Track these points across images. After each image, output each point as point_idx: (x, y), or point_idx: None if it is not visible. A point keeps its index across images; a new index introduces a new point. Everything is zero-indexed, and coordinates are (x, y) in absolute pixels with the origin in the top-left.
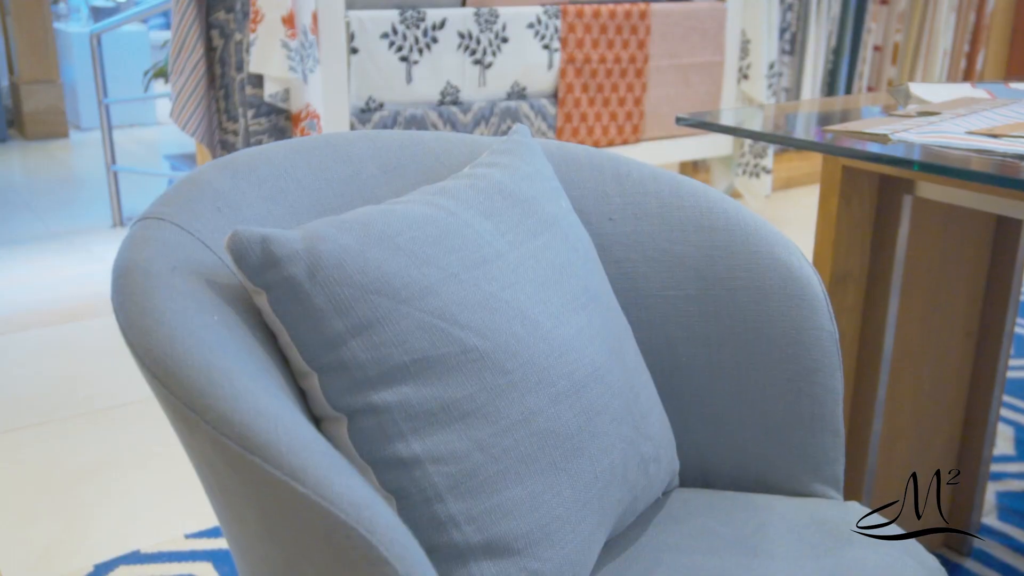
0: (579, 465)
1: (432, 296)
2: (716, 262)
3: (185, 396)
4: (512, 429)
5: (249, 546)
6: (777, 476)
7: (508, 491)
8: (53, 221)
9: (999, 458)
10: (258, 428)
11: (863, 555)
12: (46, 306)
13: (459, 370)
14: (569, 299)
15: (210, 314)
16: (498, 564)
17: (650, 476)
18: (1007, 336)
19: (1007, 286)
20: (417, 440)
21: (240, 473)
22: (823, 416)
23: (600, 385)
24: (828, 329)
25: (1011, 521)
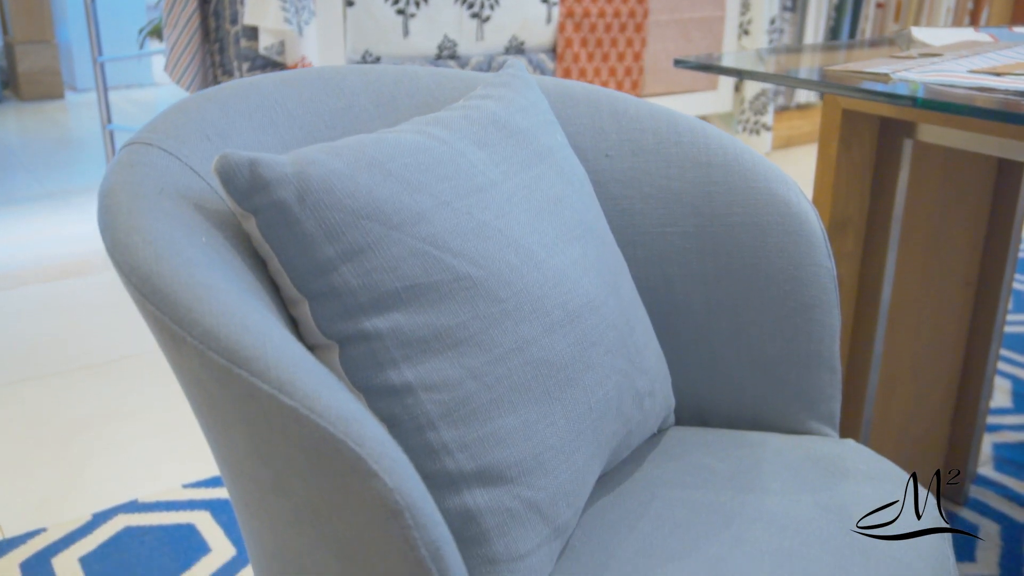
0: (573, 395)
1: (424, 223)
2: (714, 198)
3: (171, 312)
4: (505, 358)
5: (239, 466)
6: (773, 414)
7: (501, 419)
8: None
9: (996, 410)
10: (245, 343)
11: (859, 490)
12: (43, 263)
13: (452, 298)
14: (564, 230)
15: (198, 236)
16: (491, 492)
17: (645, 410)
18: (1006, 285)
19: (1007, 234)
20: (409, 367)
21: (228, 388)
22: (820, 353)
23: (595, 316)
24: (826, 265)
25: (1006, 471)
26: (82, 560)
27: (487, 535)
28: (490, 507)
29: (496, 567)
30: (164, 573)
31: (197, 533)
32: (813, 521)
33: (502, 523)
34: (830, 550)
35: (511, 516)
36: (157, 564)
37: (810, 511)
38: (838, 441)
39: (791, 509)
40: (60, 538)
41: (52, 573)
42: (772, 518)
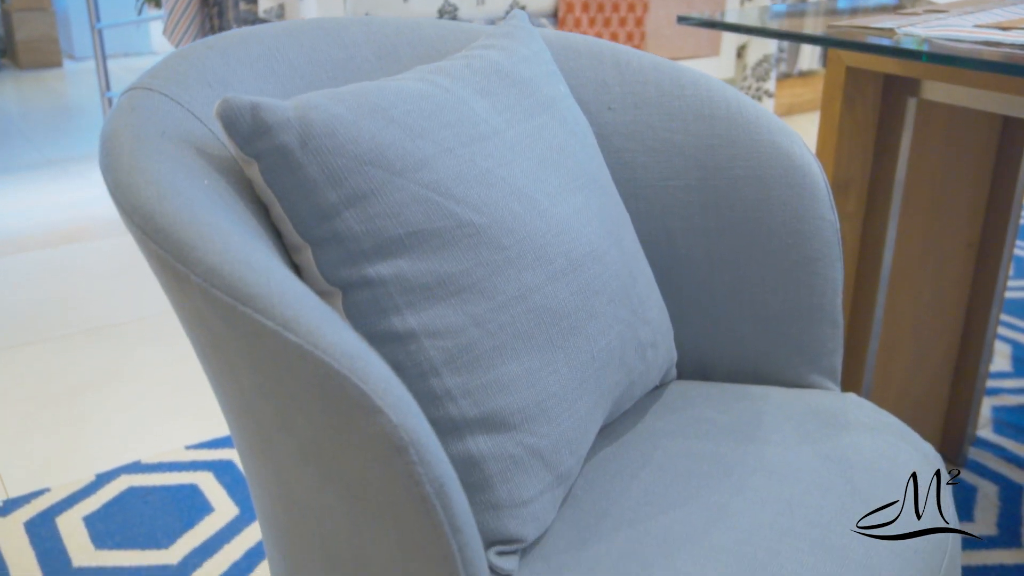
0: (576, 344)
1: (427, 169)
2: (716, 151)
3: (175, 250)
4: (508, 305)
5: (243, 406)
6: (775, 368)
7: (504, 367)
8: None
9: (996, 374)
10: (249, 279)
11: (859, 440)
12: (43, 229)
13: (455, 244)
14: (567, 180)
15: (200, 178)
16: (494, 438)
17: (647, 361)
18: (1008, 247)
19: (1010, 196)
20: (412, 314)
21: (232, 326)
22: (822, 306)
23: (598, 265)
24: (829, 219)
25: (1005, 433)
26: (86, 519)
27: (490, 481)
28: (493, 453)
29: (499, 513)
30: (168, 532)
31: (200, 493)
32: (814, 470)
33: (505, 469)
34: (831, 498)
35: (514, 462)
36: (161, 523)
37: (811, 461)
38: (839, 394)
39: (792, 459)
40: (64, 498)
41: (56, 532)
42: (773, 468)
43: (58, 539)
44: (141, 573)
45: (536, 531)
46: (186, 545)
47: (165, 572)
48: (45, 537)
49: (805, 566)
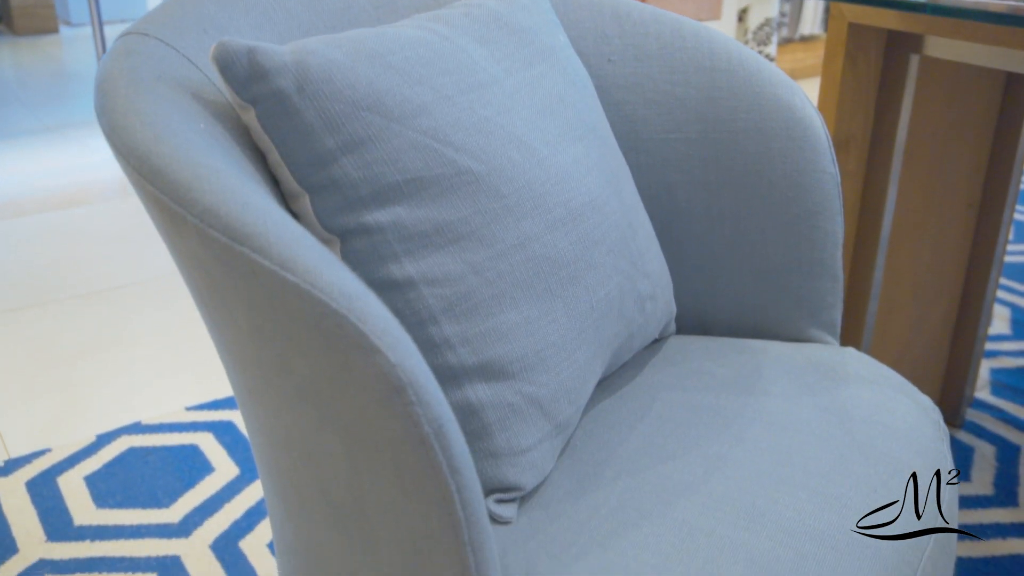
0: (575, 293)
1: (425, 116)
2: (718, 104)
3: (171, 191)
4: (507, 254)
5: (241, 350)
6: (774, 322)
7: (503, 315)
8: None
9: (995, 337)
10: (246, 219)
11: (858, 393)
12: (42, 194)
13: (453, 192)
14: (566, 129)
15: (196, 122)
16: (493, 387)
17: (647, 314)
18: (1008, 207)
19: (1011, 156)
20: (411, 262)
21: (228, 267)
22: (822, 260)
23: (597, 215)
24: (830, 172)
25: (1003, 395)
26: (87, 479)
27: (489, 429)
28: (492, 401)
29: (498, 461)
30: (169, 492)
31: (200, 453)
32: (813, 422)
33: (503, 417)
34: (829, 448)
35: (512, 411)
36: (161, 483)
37: (810, 412)
38: (839, 348)
39: (791, 411)
40: (65, 458)
41: (57, 491)
42: (772, 419)
43: (59, 498)
44: (142, 531)
45: (535, 479)
46: (187, 504)
47: (166, 530)
48: (47, 496)
49: (803, 513)
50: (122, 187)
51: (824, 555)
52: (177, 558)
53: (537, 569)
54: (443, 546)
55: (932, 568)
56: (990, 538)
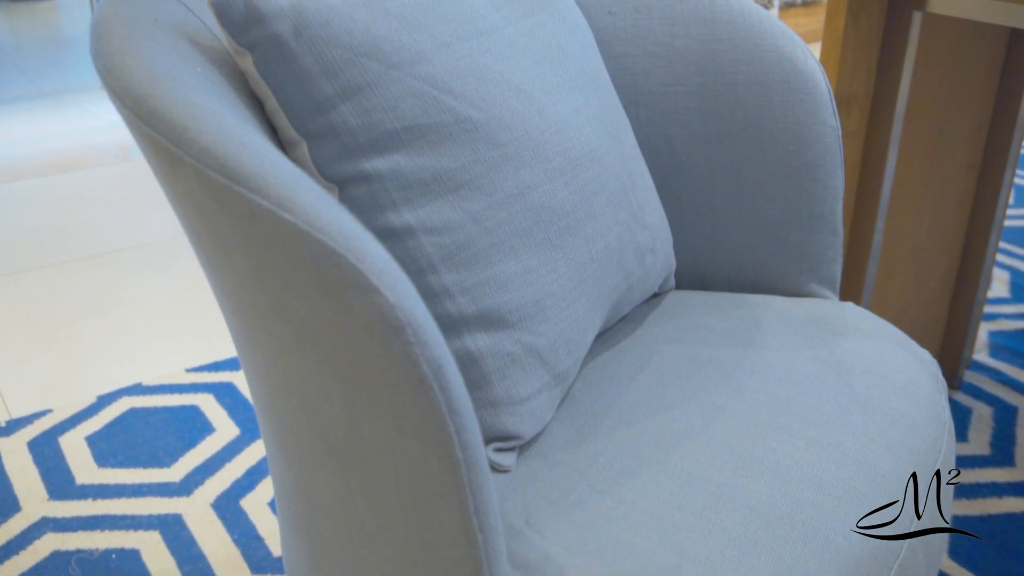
0: (574, 244)
1: (424, 63)
2: (718, 56)
3: (167, 131)
4: (506, 203)
5: (239, 294)
6: (774, 277)
7: (502, 264)
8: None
9: (994, 300)
10: (243, 159)
11: (857, 346)
12: (40, 158)
13: (452, 140)
14: (566, 79)
15: (192, 65)
16: (492, 336)
17: (646, 267)
18: (1009, 169)
19: (1013, 117)
20: (409, 210)
21: (226, 208)
22: (822, 214)
23: (597, 166)
24: (831, 125)
25: (1001, 357)
26: (88, 439)
27: (488, 378)
28: (491, 351)
29: (497, 410)
30: (169, 451)
31: (201, 414)
32: (811, 374)
33: (503, 367)
34: (828, 400)
35: (512, 360)
36: (162, 443)
37: (809, 365)
38: (838, 303)
39: (790, 363)
40: (66, 419)
41: (59, 451)
42: (771, 371)
43: (61, 458)
44: (144, 490)
45: (534, 429)
46: (188, 464)
47: (168, 489)
48: (48, 456)
49: (801, 461)
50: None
51: (821, 502)
52: (179, 516)
53: (536, 516)
54: (442, 487)
55: (929, 517)
56: (986, 497)
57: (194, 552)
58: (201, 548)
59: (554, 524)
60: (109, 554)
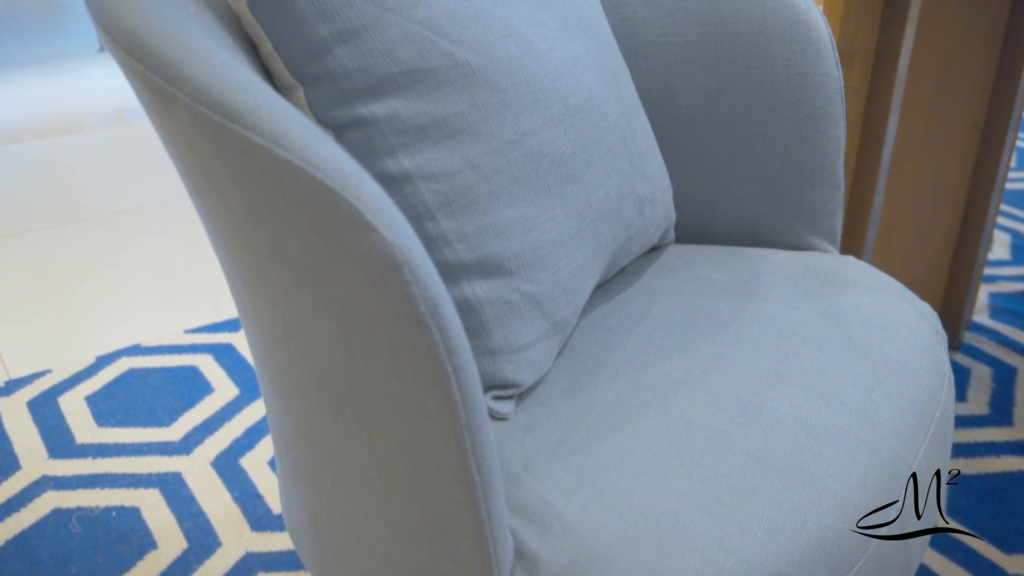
0: (573, 192)
1: (421, 6)
2: (719, 5)
3: (161, 70)
4: (505, 149)
5: (235, 237)
6: (774, 230)
7: (500, 211)
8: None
9: (994, 262)
10: (237, 96)
11: (857, 298)
12: (37, 122)
13: (450, 85)
14: (565, 25)
15: (186, 5)
16: (490, 284)
17: (646, 217)
18: (1012, 128)
19: (1017, 75)
20: (407, 156)
21: (220, 146)
22: (823, 166)
23: (596, 114)
24: (833, 75)
25: (1001, 319)
26: (88, 399)
27: (486, 326)
28: (489, 298)
29: (495, 358)
30: (169, 411)
31: (200, 374)
32: (811, 324)
33: (501, 314)
34: (827, 349)
35: (510, 308)
36: (162, 403)
37: (808, 316)
38: (839, 256)
39: (789, 314)
40: (65, 379)
41: (59, 411)
42: (770, 322)
43: (61, 417)
44: (143, 449)
45: (532, 377)
46: (187, 423)
47: (167, 448)
48: (48, 415)
49: (800, 410)
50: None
51: (820, 449)
52: (178, 474)
53: (534, 462)
54: (440, 428)
55: (927, 464)
56: (984, 456)
57: (194, 509)
58: (201, 506)
59: (552, 470)
60: (109, 511)
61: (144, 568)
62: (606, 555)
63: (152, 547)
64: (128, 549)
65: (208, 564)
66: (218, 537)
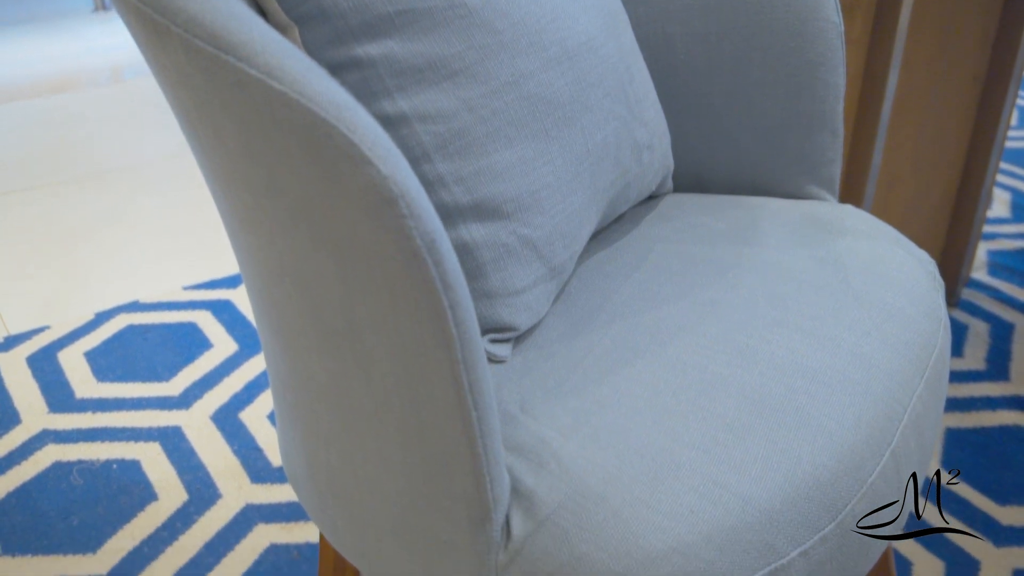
0: (570, 135)
1: None
2: None
3: (153, 1)
4: (502, 91)
5: (231, 177)
6: (772, 179)
7: (497, 154)
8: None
9: (994, 220)
10: (231, 28)
11: (855, 245)
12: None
13: (446, 26)
14: None
15: None
16: (488, 227)
17: (643, 164)
18: (1014, 82)
19: (1019, 27)
20: (403, 97)
21: (215, 79)
22: (823, 113)
23: (594, 57)
24: (833, 21)
25: (999, 276)
26: (87, 355)
27: (483, 269)
28: (486, 241)
29: (492, 301)
30: (168, 367)
31: (199, 331)
32: (808, 271)
33: (498, 257)
34: (825, 296)
35: (507, 251)
36: (161, 358)
37: (806, 262)
38: (837, 205)
39: (787, 260)
40: (64, 335)
41: (58, 366)
42: (768, 268)
43: (60, 372)
44: (143, 404)
45: (529, 320)
46: (187, 378)
47: (167, 403)
48: (47, 371)
49: (796, 353)
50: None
51: (815, 390)
52: (178, 428)
53: (531, 403)
54: (436, 364)
55: (922, 407)
56: (980, 410)
57: (194, 462)
58: (201, 458)
59: (549, 410)
60: (110, 464)
61: (145, 519)
62: (602, 492)
63: (153, 499)
64: (129, 501)
65: (208, 515)
66: (218, 489)
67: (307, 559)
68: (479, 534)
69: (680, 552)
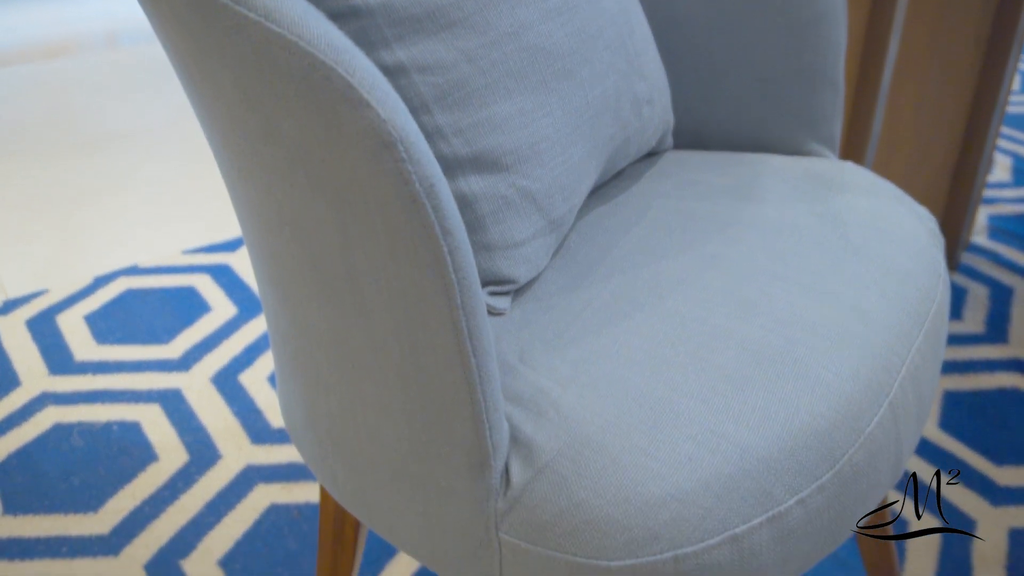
0: (570, 88)
1: None
2: None
3: None
4: (501, 42)
5: (229, 125)
6: (773, 135)
7: (497, 105)
8: None
9: (995, 184)
10: None
11: (856, 201)
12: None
13: None
14: None
15: None
16: (487, 179)
17: (643, 119)
18: (1017, 43)
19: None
20: (402, 48)
21: (212, 24)
22: (824, 69)
23: (593, 9)
24: None
25: (999, 239)
26: (86, 318)
27: (482, 221)
28: (485, 193)
29: (491, 253)
30: (168, 329)
31: (198, 294)
32: (808, 227)
33: (497, 210)
34: (824, 250)
35: (506, 203)
36: (160, 322)
37: (806, 218)
38: (837, 161)
39: (787, 216)
40: (63, 299)
41: (57, 329)
42: (768, 223)
43: (59, 335)
44: (143, 366)
45: (528, 273)
46: (186, 341)
47: (167, 365)
48: (47, 334)
49: (795, 306)
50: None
51: (815, 343)
52: (178, 391)
53: (530, 353)
54: (435, 310)
55: (921, 360)
56: (979, 372)
57: (194, 424)
58: (201, 420)
59: (548, 361)
60: (110, 426)
61: (146, 479)
62: (600, 440)
63: (153, 459)
64: (130, 461)
65: (209, 475)
66: (218, 450)
67: (307, 518)
68: (478, 481)
69: (678, 499)
